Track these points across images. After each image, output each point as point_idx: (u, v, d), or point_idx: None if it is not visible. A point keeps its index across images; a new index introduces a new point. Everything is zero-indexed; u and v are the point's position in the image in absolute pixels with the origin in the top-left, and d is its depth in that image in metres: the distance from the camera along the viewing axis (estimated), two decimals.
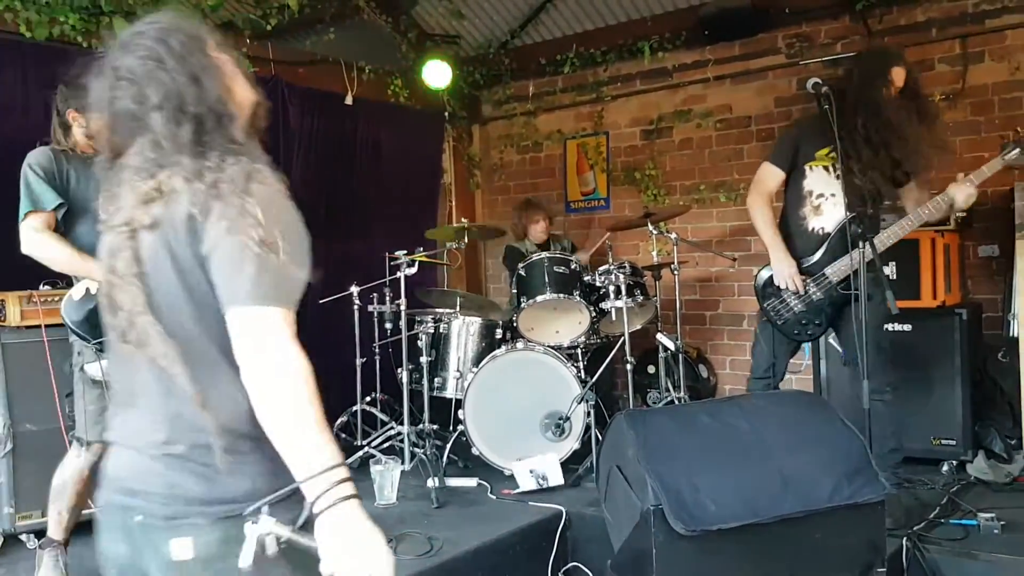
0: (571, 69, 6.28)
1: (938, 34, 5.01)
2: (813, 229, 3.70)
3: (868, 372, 3.19)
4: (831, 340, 4.36)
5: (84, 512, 3.24)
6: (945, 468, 4.20)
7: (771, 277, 3.74)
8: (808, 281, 3.66)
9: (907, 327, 4.30)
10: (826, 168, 3.68)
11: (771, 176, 3.80)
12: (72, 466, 3.15)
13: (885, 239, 3.55)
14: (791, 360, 3.95)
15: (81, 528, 3.25)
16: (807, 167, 3.72)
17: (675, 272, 4.87)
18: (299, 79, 5.49)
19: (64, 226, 3.14)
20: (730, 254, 5.23)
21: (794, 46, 5.41)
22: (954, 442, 4.22)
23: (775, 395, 3.67)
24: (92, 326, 3.03)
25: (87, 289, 3.06)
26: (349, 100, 5.79)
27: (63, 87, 3.27)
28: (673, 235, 4.90)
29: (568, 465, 4.28)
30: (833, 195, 3.65)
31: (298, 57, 5.56)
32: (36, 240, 3.06)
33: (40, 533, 3.33)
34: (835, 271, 3.61)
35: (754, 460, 2.85)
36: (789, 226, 3.79)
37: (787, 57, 5.47)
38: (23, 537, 3.60)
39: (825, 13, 5.31)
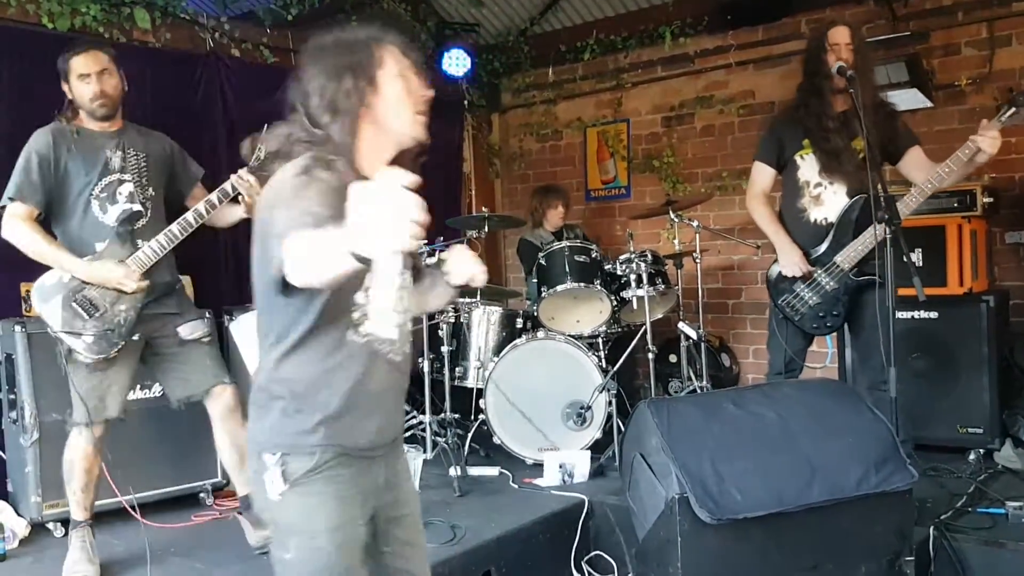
0: (591, 56, 6.24)
1: (964, 18, 4.93)
2: (815, 220, 3.65)
3: (879, 363, 3.14)
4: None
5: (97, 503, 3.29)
6: (972, 456, 4.14)
7: (781, 272, 3.69)
8: (819, 271, 3.59)
9: (933, 314, 4.26)
10: (815, 155, 3.63)
11: (761, 174, 3.78)
12: (75, 446, 3.17)
13: (909, 202, 3.40)
14: (810, 350, 3.91)
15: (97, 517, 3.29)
16: (797, 157, 3.67)
17: (697, 260, 4.83)
18: None
19: (51, 217, 3.19)
20: (753, 242, 5.17)
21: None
22: (981, 430, 4.17)
23: (801, 383, 3.64)
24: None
25: (59, 278, 3.12)
26: None
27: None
28: (695, 223, 4.85)
29: (590, 454, 4.26)
30: (831, 183, 3.60)
31: None
32: (15, 228, 3.11)
33: (67, 522, 3.35)
34: (845, 258, 3.54)
35: (780, 448, 2.84)
36: (787, 218, 3.74)
37: None
38: (50, 525, 3.63)
39: None
